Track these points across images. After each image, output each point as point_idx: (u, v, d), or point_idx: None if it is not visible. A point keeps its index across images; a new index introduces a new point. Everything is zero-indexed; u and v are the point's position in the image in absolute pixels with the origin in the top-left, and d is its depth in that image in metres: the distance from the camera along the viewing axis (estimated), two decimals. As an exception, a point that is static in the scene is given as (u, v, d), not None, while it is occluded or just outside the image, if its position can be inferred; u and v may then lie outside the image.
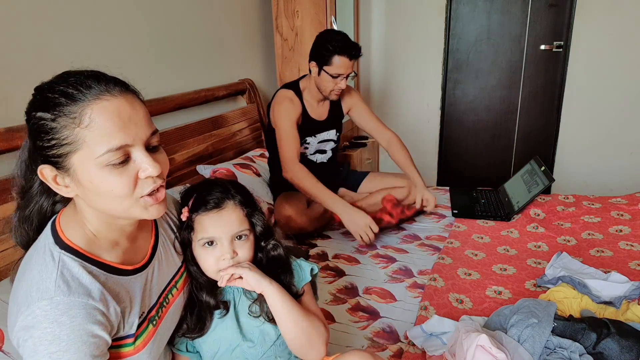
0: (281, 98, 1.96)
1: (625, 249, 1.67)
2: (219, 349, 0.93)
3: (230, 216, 0.91)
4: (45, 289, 0.66)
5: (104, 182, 0.67)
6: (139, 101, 0.72)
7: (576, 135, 3.17)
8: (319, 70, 1.88)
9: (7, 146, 1.23)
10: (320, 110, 2.07)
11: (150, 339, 0.79)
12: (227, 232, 0.90)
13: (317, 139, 2.08)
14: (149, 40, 1.86)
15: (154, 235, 0.88)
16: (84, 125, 0.65)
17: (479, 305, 1.38)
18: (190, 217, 0.91)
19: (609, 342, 1.04)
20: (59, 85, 0.67)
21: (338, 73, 1.85)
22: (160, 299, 0.85)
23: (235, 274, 0.90)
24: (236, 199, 0.92)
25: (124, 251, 0.78)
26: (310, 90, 1.99)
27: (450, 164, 3.60)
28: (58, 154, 0.67)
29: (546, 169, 2.06)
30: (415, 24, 3.30)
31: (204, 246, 0.91)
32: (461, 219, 2.02)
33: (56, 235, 0.73)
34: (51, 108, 0.66)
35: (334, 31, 1.92)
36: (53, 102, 0.66)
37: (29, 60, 1.36)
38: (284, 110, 1.92)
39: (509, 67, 3.24)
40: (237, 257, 0.91)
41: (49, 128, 0.66)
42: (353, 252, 1.78)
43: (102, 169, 0.67)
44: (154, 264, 0.84)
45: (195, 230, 0.92)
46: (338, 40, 1.83)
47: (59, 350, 0.65)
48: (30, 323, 0.65)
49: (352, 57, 1.85)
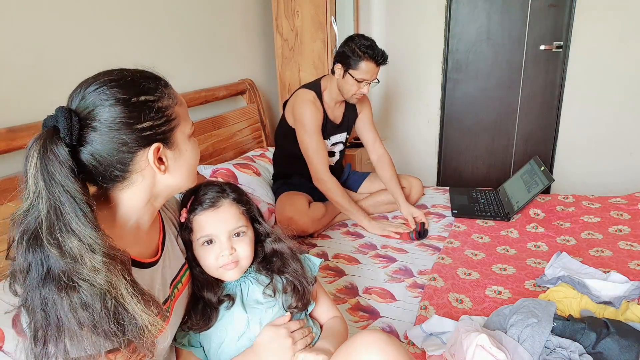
0: (304, 101, 1.92)
1: (625, 249, 1.67)
2: (225, 339, 0.94)
3: (227, 213, 0.93)
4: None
5: (190, 150, 0.80)
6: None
7: (576, 135, 3.17)
8: (343, 73, 1.87)
9: (7, 146, 1.23)
10: (337, 112, 2.06)
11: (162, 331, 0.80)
12: (224, 229, 0.92)
13: (331, 141, 2.08)
14: (148, 41, 1.86)
15: (162, 230, 0.90)
16: (178, 103, 0.77)
17: (478, 305, 1.38)
18: (189, 217, 0.94)
19: (609, 342, 1.04)
20: (138, 78, 0.74)
21: (363, 78, 1.86)
22: (169, 293, 0.87)
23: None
24: (231, 197, 0.95)
25: (140, 244, 0.81)
26: (330, 92, 1.98)
27: (450, 164, 3.60)
28: (168, 130, 0.75)
29: (546, 169, 2.06)
30: (415, 24, 3.30)
31: (203, 245, 0.93)
32: (461, 219, 2.03)
33: None
34: (151, 92, 0.73)
35: (363, 36, 1.89)
36: (148, 87, 0.73)
37: (29, 61, 1.37)
38: (310, 115, 1.90)
39: (508, 67, 3.24)
40: (236, 253, 0.93)
41: (157, 108, 0.73)
42: (353, 252, 1.78)
43: (189, 140, 0.80)
44: (164, 259, 0.87)
45: (194, 231, 0.94)
46: (367, 46, 1.82)
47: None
48: None
49: (379, 63, 1.86)
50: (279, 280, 0.99)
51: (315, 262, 1.07)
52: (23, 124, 1.28)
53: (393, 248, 1.80)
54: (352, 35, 1.91)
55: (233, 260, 0.93)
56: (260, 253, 1.01)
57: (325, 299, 1.09)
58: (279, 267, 1.00)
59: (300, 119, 1.92)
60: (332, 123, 2.03)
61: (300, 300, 0.98)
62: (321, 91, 1.98)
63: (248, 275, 1.00)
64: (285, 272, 0.99)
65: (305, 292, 1.00)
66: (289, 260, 1.01)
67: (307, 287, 1.00)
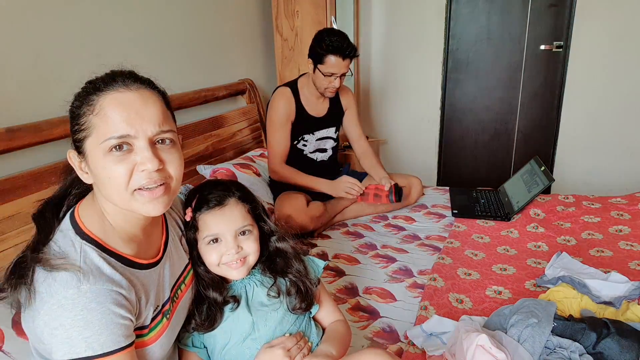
0: (275, 96, 2.00)
1: (625, 249, 1.67)
2: (229, 340, 0.94)
3: (233, 212, 0.93)
4: (69, 279, 0.68)
5: (105, 168, 0.71)
6: (158, 99, 0.76)
7: (576, 135, 3.17)
8: (314, 68, 1.91)
9: (7, 146, 1.23)
10: (320, 107, 2.08)
11: (163, 332, 0.81)
12: (231, 228, 0.92)
13: (316, 136, 2.10)
14: (148, 41, 1.86)
15: (165, 231, 0.90)
16: (96, 113, 0.70)
17: (478, 305, 1.38)
18: (194, 216, 0.93)
19: (609, 342, 1.04)
20: (97, 78, 0.74)
21: (331, 72, 1.88)
22: (171, 294, 0.87)
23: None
24: (237, 195, 0.95)
25: (139, 244, 0.80)
26: (309, 87, 2.02)
27: (450, 164, 3.60)
28: (78, 139, 0.73)
29: (546, 169, 2.06)
30: (415, 24, 3.30)
31: (209, 244, 0.93)
32: (461, 219, 2.02)
33: (76, 225, 0.75)
34: (80, 97, 0.73)
35: (331, 30, 1.94)
36: (84, 92, 0.73)
37: (29, 61, 1.36)
38: (278, 108, 1.96)
39: (509, 67, 3.24)
40: (243, 251, 0.93)
41: (76, 114, 0.73)
42: (353, 252, 1.78)
43: (105, 156, 0.71)
44: (166, 260, 0.87)
45: (199, 229, 0.94)
46: (332, 40, 1.84)
47: (93, 334, 0.67)
48: (57, 311, 0.67)
49: (346, 57, 1.86)
50: (282, 282, 0.99)
51: (320, 264, 1.07)
52: (22, 123, 1.28)
53: (393, 248, 1.80)
54: (320, 30, 1.95)
55: (240, 257, 0.93)
56: (264, 252, 1.01)
57: (329, 302, 1.09)
58: (282, 267, 1.00)
59: (268, 114, 1.99)
60: (313, 118, 2.06)
61: (303, 300, 0.98)
62: (297, 87, 2.03)
63: (253, 277, 1.00)
64: (289, 273, 0.99)
65: (308, 293, 0.99)
66: (292, 260, 1.01)
67: (311, 287, 1.00)
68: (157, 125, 0.72)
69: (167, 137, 0.74)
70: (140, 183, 0.72)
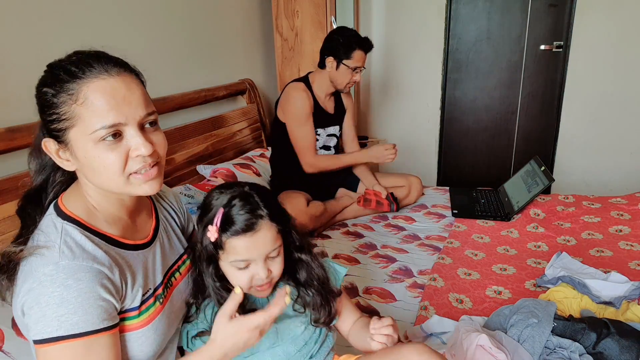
0: (293, 90, 2.02)
1: (625, 249, 1.67)
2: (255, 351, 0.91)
3: (265, 238, 0.85)
4: (49, 256, 0.68)
5: (97, 158, 0.70)
6: (138, 82, 0.76)
7: (576, 135, 3.17)
8: (337, 64, 1.96)
9: (7, 146, 1.23)
10: (328, 104, 2.13)
11: (156, 316, 0.80)
12: (262, 253, 0.86)
13: (326, 131, 2.14)
14: (148, 41, 1.86)
15: (155, 219, 0.90)
16: (80, 102, 0.68)
17: (478, 305, 1.38)
18: (220, 239, 0.84)
19: (609, 342, 1.04)
20: (64, 63, 0.72)
21: (357, 66, 1.97)
22: (165, 280, 0.86)
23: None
24: (267, 215, 0.85)
25: (124, 227, 0.81)
26: (320, 85, 2.05)
27: (450, 164, 3.59)
28: (58, 128, 0.70)
29: (546, 169, 2.06)
30: (415, 24, 3.30)
31: (239, 269, 0.87)
32: (461, 219, 2.02)
33: (58, 209, 0.75)
34: (54, 84, 0.70)
35: (347, 28, 2.03)
36: (56, 78, 0.70)
37: (29, 61, 1.36)
38: (300, 102, 1.99)
39: (508, 67, 3.24)
40: (272, 274, 0.88)
41: (51, 103, 0.69)
42: (353, 252, 1.78)
43: (95, 145, 0.69)
44: (155, 246, 0.86)
45: (225, 251, 0.86)
46: (356, 36, 1.96)
47: (67, 312, 0.66)
48: (36, 288, 0.66)
49: (367, 50, 1.99)
50: (306, 293, 0.95)
51: (341, 271, 1.02)
52: (22, 123, 1.28)
53: (393, 248, 1.80)
54: (336, 29, 2.05)
55: (268, 281, 0.88)
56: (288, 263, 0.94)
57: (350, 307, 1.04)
58: (305, 278, 0.95)
59: (290, 110, 2.00)
60: (326, 112, 2.10)
61: (327, 315, 0.95)
62: (310, 83, 2.06)
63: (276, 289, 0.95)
64: (311, 285, 0.95)
65: (332, 309, 0.95)
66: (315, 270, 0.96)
67: (334, 302, 0.96)
68: (143, 109, 0.73)
69: (153, 118, 0.75)
70: (135, 167, 0.72)
